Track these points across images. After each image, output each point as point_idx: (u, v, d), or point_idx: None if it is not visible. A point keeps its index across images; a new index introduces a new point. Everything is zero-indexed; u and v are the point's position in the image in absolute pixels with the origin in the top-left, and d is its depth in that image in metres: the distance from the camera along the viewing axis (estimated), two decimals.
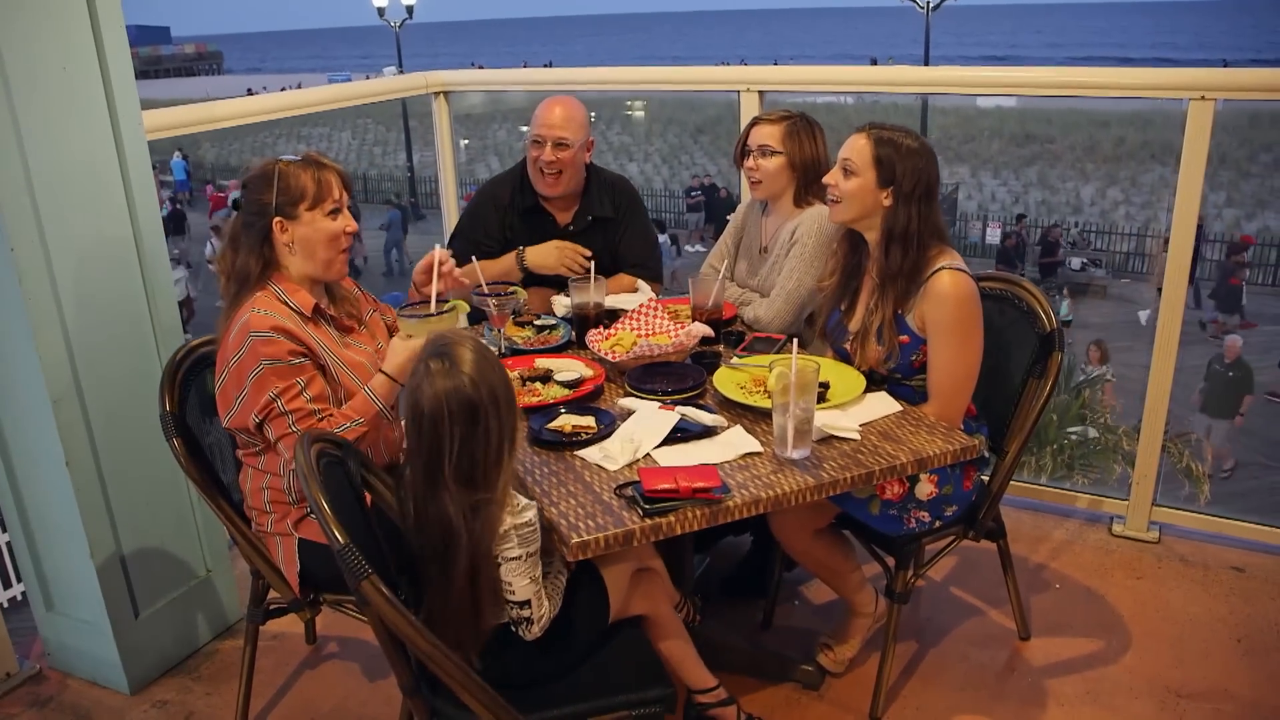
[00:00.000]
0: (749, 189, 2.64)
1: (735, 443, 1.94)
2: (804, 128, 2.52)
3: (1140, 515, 2.96)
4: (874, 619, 2.42)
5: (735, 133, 2.86)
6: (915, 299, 2.12)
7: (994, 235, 16.11)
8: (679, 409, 2.03)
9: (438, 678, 1.61)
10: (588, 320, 2.48)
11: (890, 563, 2.25)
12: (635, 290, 2.80)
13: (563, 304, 2.66)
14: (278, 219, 1.99)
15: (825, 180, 2.22)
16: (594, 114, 2.90)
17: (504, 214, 2.86)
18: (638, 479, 1.77)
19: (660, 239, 3.01)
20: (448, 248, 2.93)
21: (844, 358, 2.27)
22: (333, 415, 1.97)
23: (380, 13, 24.11)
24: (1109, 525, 3.02)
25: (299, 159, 2.03)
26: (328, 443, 1.78)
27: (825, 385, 2.08)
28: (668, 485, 1.72)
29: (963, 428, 2.16)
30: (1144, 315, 10.89)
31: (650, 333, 2.43)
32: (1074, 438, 6.35)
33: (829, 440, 1.95)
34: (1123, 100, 4.23)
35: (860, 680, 2.36)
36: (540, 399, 2.13)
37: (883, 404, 2.11)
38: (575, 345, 2.50)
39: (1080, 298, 13.68)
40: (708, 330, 2.32)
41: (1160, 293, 2.81)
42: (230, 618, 2.71)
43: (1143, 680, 2.38)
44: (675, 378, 2.19)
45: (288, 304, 2.01)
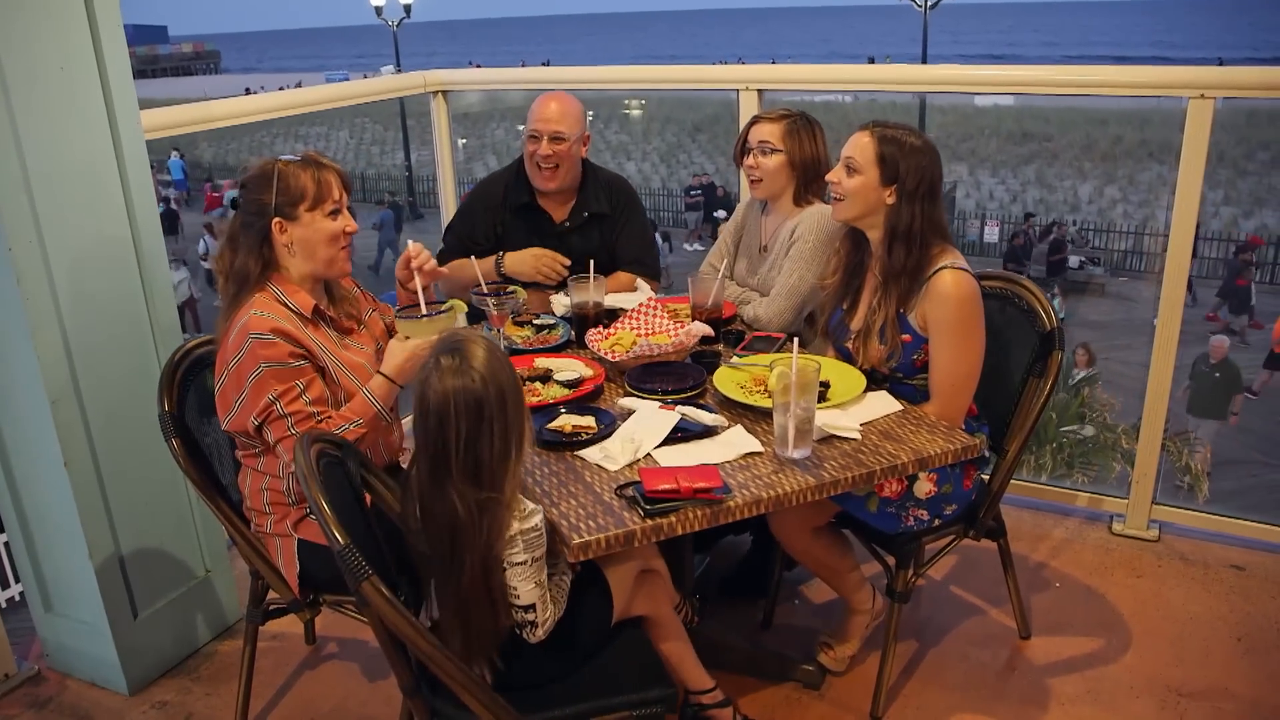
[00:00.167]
0: (748, 188, 2.63)
1: (736, 442, 1.94)
2: (804, 126, 2.52)
3: (1140, 514, 2.96)
4: (872, 616, 2.42)
5: (733, 132, 2.86)
6: (917, 298, 2.12)
7: (992, 234, 16.14)
8: (679, 409, 2.02)
9: (438, 678, 1.61)
10: (587, 320, 2.47)
11: (890, 562, 2.25)
12: (633, 288, 2.80)
13: (562, 303, 2.66)
14: (277, 219, 1.98)
15: (828, 178, 2.22)
16: (592, 113, 2.90)
17: (496, 212, 2.87)
18: (638, 479, 1.77)
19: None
20: (441, 243, 2.95)
21: (846, 356, 2.27)
22: (331, 417, 1.96)
23: (378, 12, 24.09)
24: (1109, 524, 3.02)
25: (298, 159, 2.01)
26: (327, 443, 1.78)
27: (826, 384, 2.08)
28: (669, 485, 1.71)
29: (964, 427, 2.15)
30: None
31: (650, 332, 2.43)
32: (1073, 436, 6.36)
33: (830, 440, 1.94)
34: (1121, 99, 4.23)
35: (861, 679, 2.36)
36: (540, 399, 2.13)
37: (883, 403, 2.11)
38: (575, 345, 2.49)
39: (1079, 296, 13.71)
40: (707, 329, 2.32)
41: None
42: (229, 618, 2.70)
43: (1143, 679, 2.37)
44: (675, 377, 2.19)
45: (287, 305, 2.00)
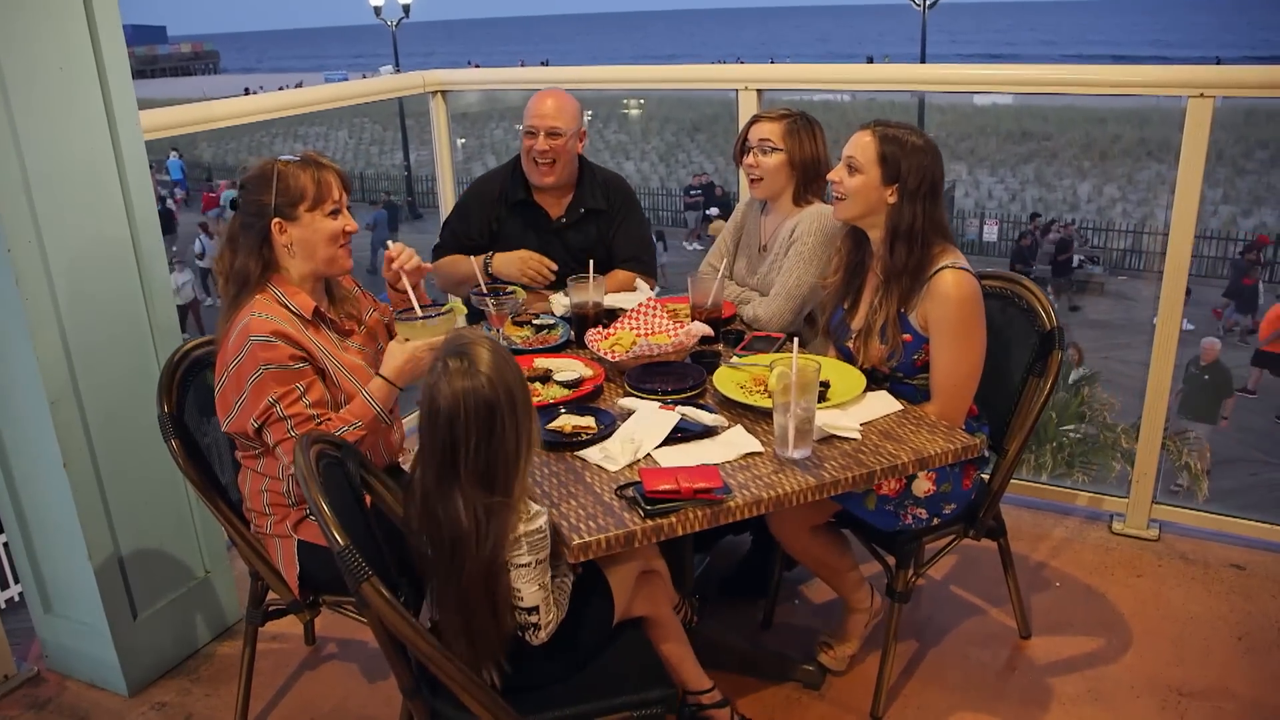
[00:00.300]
0: (748, 187, 2.63)
1: (736, 442, 1.94)
2: (804, 126, 2.52)
3: (1140, 513, 2.96)
4: (871, 615, 2.42)
5: (732, 131, 2.86)
6: (918, 297, 2.12)
7: (991, 233, 16.15)
8: (679, 409, 2.02)
9: (437, 679, 1.60)
10: (587, 320, 2.47)
11: (891, 561, 2.25)
12: (631, 286, 2.80)
13: (561, 303, 2.66)
14: (276, 220, 1.97)
15: (829, 177, 2.21)
16: (590, 113, 2.92)
17: (491, 209, 2.89)
18: (639, 479, 1.77)
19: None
20: (438, 239, 2.96)
21: (847, 356, 2.26)
22: (331, 420, 1.95)
23: (377, 12, 24.08)
24: (1109, 523, 3.02)
25: (298, 159, 2.00)
26: (327, 444, 1.78)
27: (825, 384, 2.08)
28: (669, 486, 1.71)
29: (964, 427, 2.15)
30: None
31: (649, 332, 2.43)
32: (1074, 435, 6.36)
33: (830, 440, 1.94)
34: (1119, 97, 4.22)
35: (861, 680, 2.36)
36: (540, 399, 2.12)
37: (883, 403, 2.10)
38: (574, 345, 2.49)
39: (1078, 295, 13.72)
40: (707, 329, 2.32)
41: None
42: (229, 619, 2.70)
43: (1143, 679, 2.37)
44: (675, 377, 2.19)
45: (288, 307, 2.00)
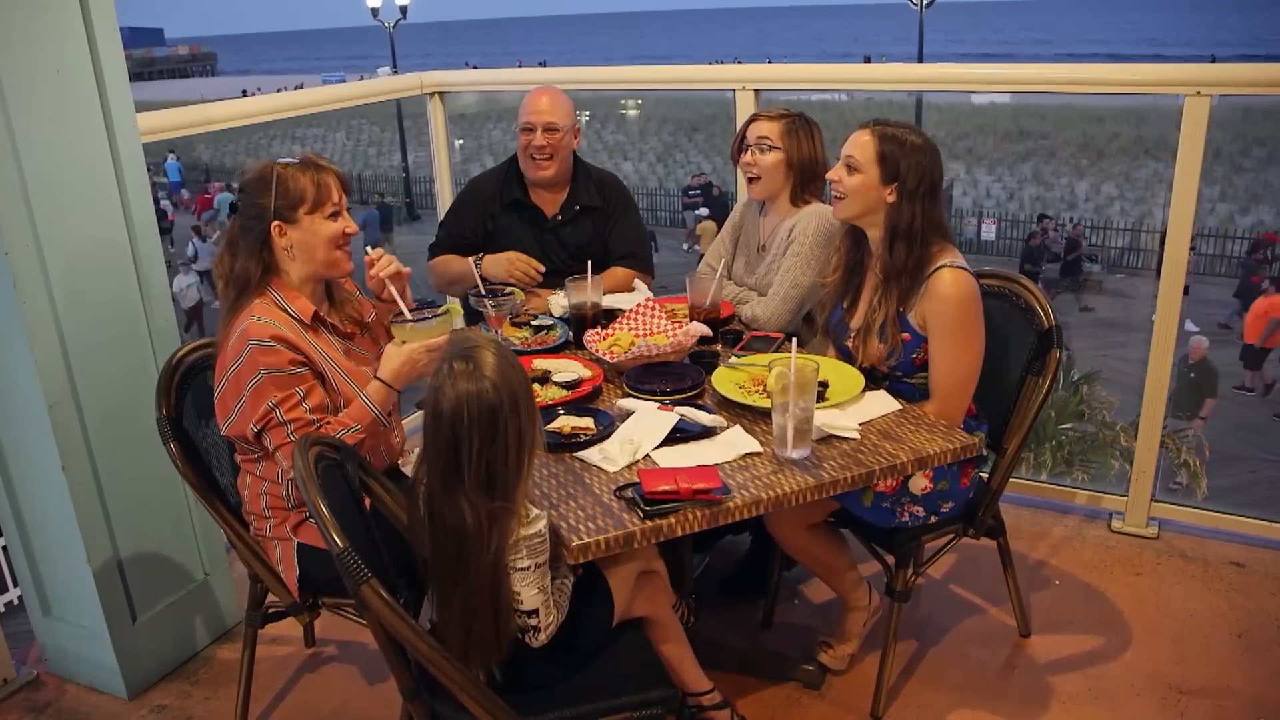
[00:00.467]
0: (745, 187, 2.63)
1: (735, 443, 1.94)
2: (802, 127, 2.52)
3: (1139, 511, 2.96)
4: (869, 613, 2.42)
5: (730, 131, 2.86)
6: (916, 296, 2.12)
7: (989, 232, 16.16)
8: (678, 409, 2.02)
9: (437, 681, 1.60)
10: (585, 320, 2.47)
11: (890, 561, 2.24)
12: (629, 284, 2.81)
13: (560, 304, 2.66)
14: (276, 223, 1.97)
15: (829, 176, 2.21)
16: (588, 113, 2.95)
17: (486, 208, 2.90)
18: (638, 480, 1.76)
19: None
20: (434, 237, 2.96)
21: (846, 355, 2.27)
22: (329, 424, 1.95)
23: (374, 13, 24.09)
24: (1108, 521, 3.02)
25: (297, 161, 2.00)
26: (326, 446, 1.77)
27: (824, 384, 2.08)
28: (668, 486, 1.71)
29: (962, 426, 2.15)
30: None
31: (648, 332, 2.42)
32: (1073, 434, 6.35)
33: (829, 439, 1.94)
34: (1117, 96, 4.22)
35: (861, 679, 2.36)
36: (538, 400, 2.12)
37: (882, 402, 2.10)
38: (573, 346, 2.49)
39: (1082, 294, 13.71)
40: (705, 330, 2.32)
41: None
42: (228, 621, 2.70)
43: (1143, 677, 2.37)
44: (674, 378, 2.19)
45: (287, 311, 1.99)
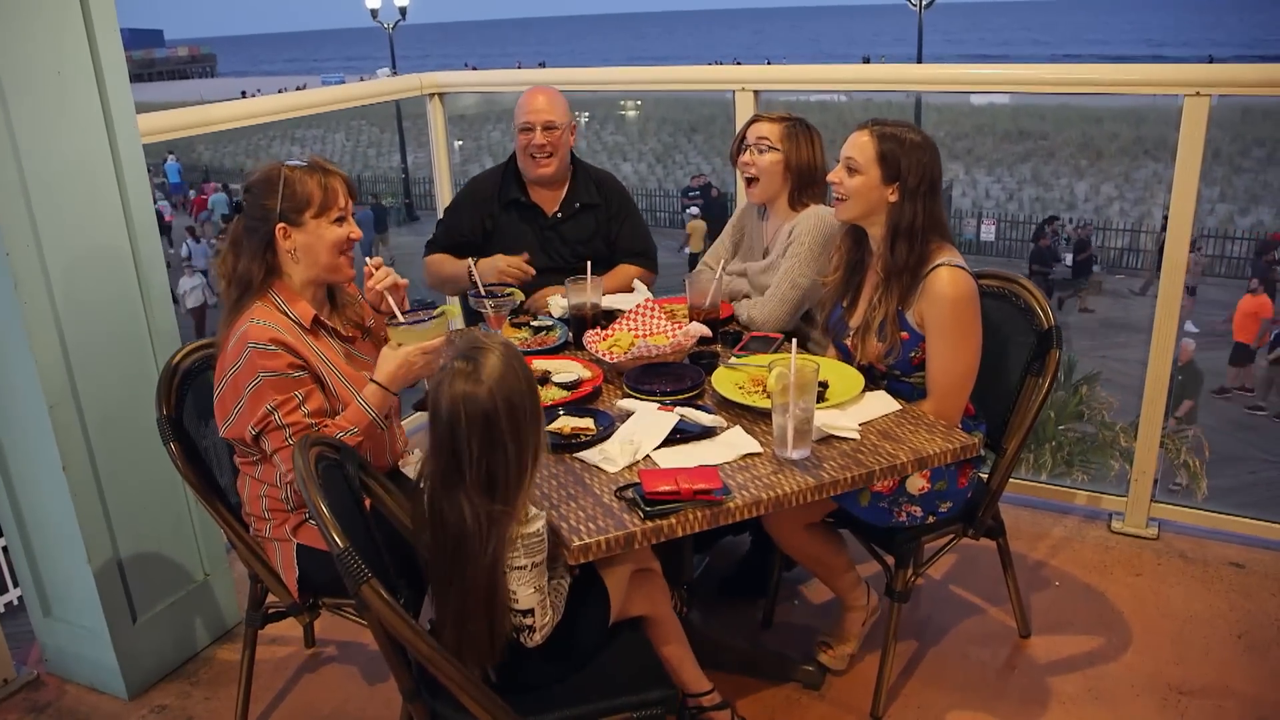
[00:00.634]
0: (744, 191, 2.63)
1: (735, 443, 1.94)
2: (802, 131, 2.53)
3: (1139, 512, 2.96)
4: (868, 613, 2.42)
5: (729, 132, 2.86)
6: (915, 295, 2.12)
7: (988, 232, 16.16)
8: (678, 410, 2.02)
9: (438, 681, 1.60)
10: (585, 321, 2.47)
11: (890, 561, 2.25)
12: (632, 287, 2.81)
13: (559, 305, 2.66)
14: (281, 225, 1.96)
15: (829, 178, 2.22)
16: (588, 114, 2.95)
17: (485, 207, 2.92)
18: (638, 481, 1.76)
19: None
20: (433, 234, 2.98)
21: (844, 353, 2.27)
22: (328, 427, 1.95)
23: (373, 14, 24.10)
24: (1108, 522, 3.02)
25: (304, 164, 1.99)
26: (326, 446, 1.78)
27: (824, 385, 2.08)
28: (668, 487, 1.71)
29: (961, 426, 2.15)
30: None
31: (648, 333, 2.43)
32: (1072, 434, 6.35)
33: (828, 440, 1.94)
34: (1116, 96, 4.23)
35: (861, 680, 2.36)
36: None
37: (882, 403, 2.10)
38: (572, 346, 2.49)
39: (1080, 294, 13.70)
40: (705, 330, 2.32)
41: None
42: (229, 622, 2.70)
43: (1143, 677, 2.37)
44: (673, 378, 2.19)
45: (287, 314, 1.99)
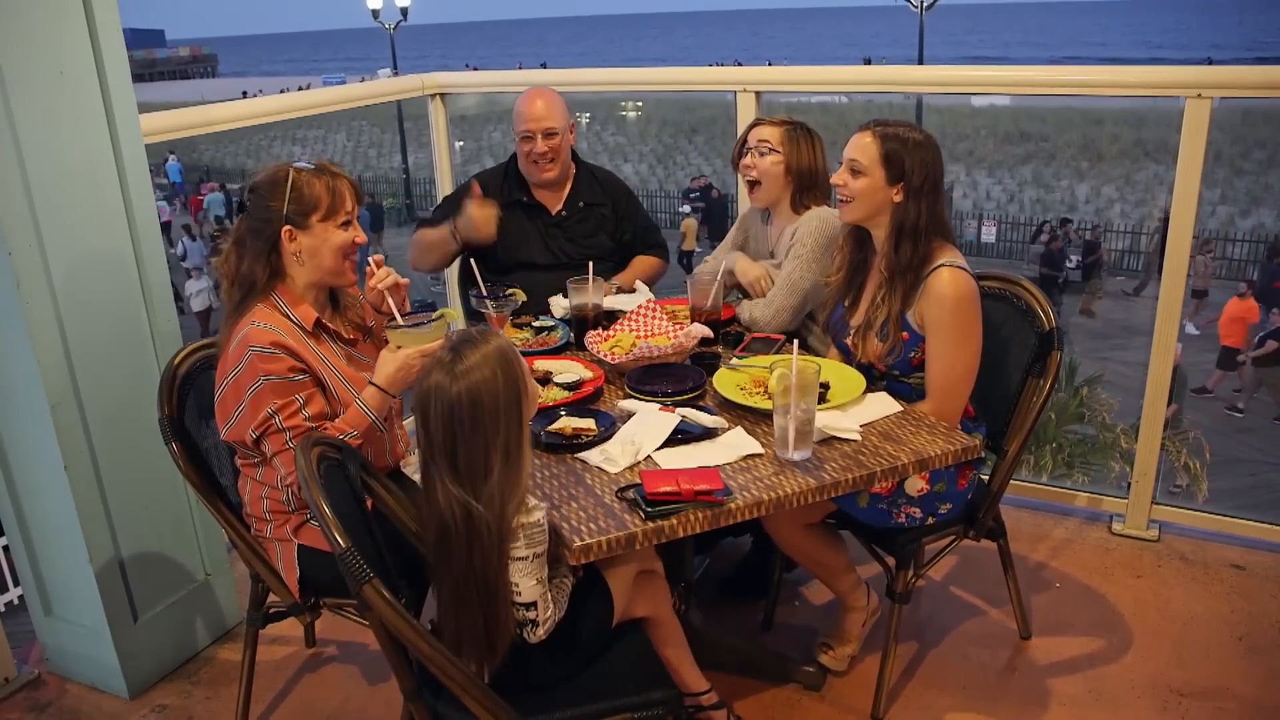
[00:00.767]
0: (746, 194, 2.63)
1: (736, 444, 1.94)
2: (804, 135, 2.53)
3: (1140, 514, 2.96)
4: (868, 614, 2.42)
5: (730, 133, 2.87)
6: (916, 295, 2.12)
7: (989, 234, 16.17)
8: (679, 410, 2.02)
9: (439, 681, 1.61)
10: (586, 322, 2.48)
11: (890, 563, 2.25)
12: (657, 269, 2.84)
13: (561, 305, 2.67)
14: (287, 227, 1.96)
15: (833, 180, 2.22)
16: (589, 115, 2.96)
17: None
18: (639, 481, 1.77)
19: None
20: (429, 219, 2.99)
21: (845, 352, 2.27)
22: (327, 430, 1.95)
23: (375, 15, 24.11)
24: (1109, 524, 3.02)
25: (312, 167, 1.98)
26: (328, 446, 1.78)
27: (825, 386, 2.08)
28: (670, 488, 1.71)
29: (960, 427, 2.15)
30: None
31: (649, 334, 2.43)
32: (1073, 436, 6.36)
33: (830, 441, 1.94)
34: (1116, 98, 4.24)
35: (861, 681, 2.36)
36: (540, 401, 2.13)
37: (883, 404, 2.11)
38: (574, 347, 2.49)
39: (1077, 295, 13.70)
40: (706, 331, 2.33)
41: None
42: (229, 622, 2.70)
43: (1144, 679, 2.37)
44: (675, 379, 2.19)
45: (289, 317, 1.99)
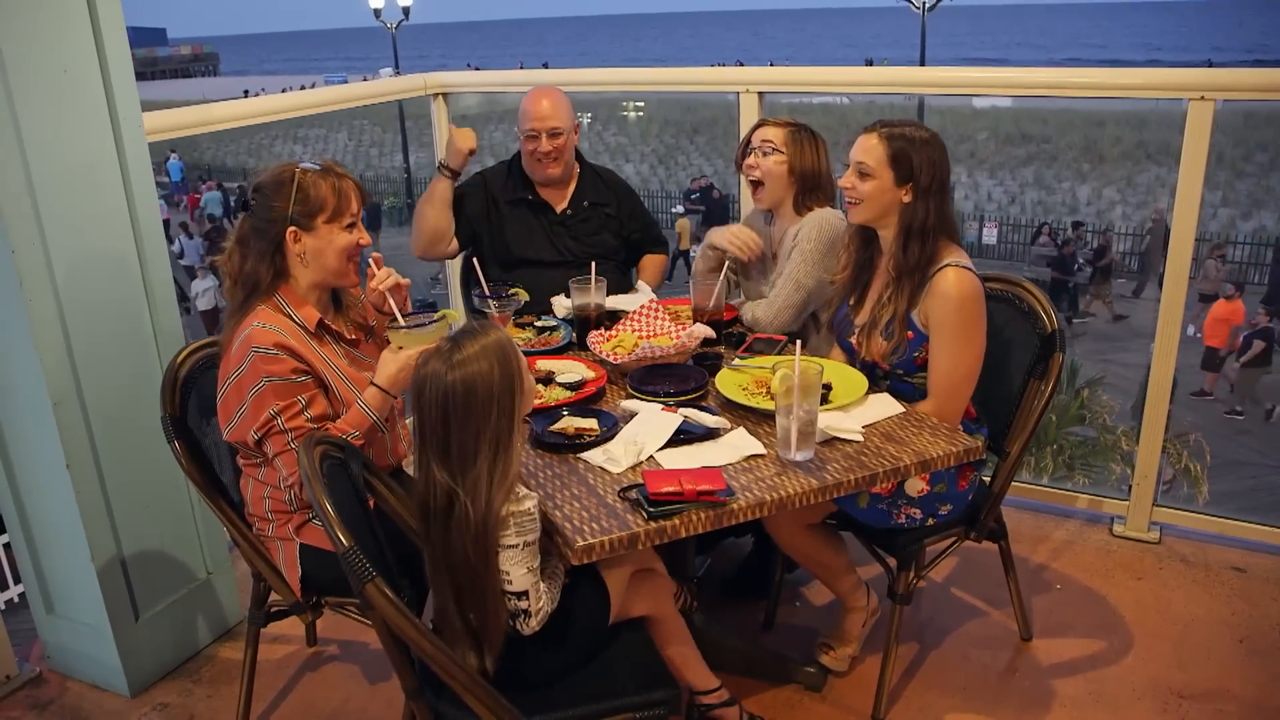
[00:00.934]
0: (749, 196, 2.63)
1: (738, 445, 1.94)
2: (807, 137, 2.53)
3: (1141, 515, 2.96)
4: (867, 613, 2.42)
5: (731, 133, 2.87)
6: (922, 295, 2.12)
7: (990, 235, 16.17)
8: (682, 411, 2.03)
9: (441, 680, 1.61)
10: (588, 322, 2.48)
11: (892, 563, 2.25)
12: (666, 267, 2.86)
13: (563, 305, 2.67)
14: (292, 229, 1.96)
15: (840, 184, 2.22)
16: (590, 115, 2.96)
17: (490, 196, 2.94)
18: (642, 481, 1.77)
19: None
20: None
21: (848, 351, 2.27)
22: (330, 432, 1.95)
23: (376, 14, 24.12)
24: (1110, 526, 3.02)
25: (318, 168, 1.98)
26: (330, 445, 1.78)
27: (827, 387, 2.08)
28: (672, 488, 1.71)
29: (962, 429, 2.15)
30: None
31: (651, 334, 2.43)
32: (1074, 438, 6.36)
33: (832, 442, 1.94)
34: (1118, 100, 4.24)
35: (862, 682, 2.36)
36: (542, 401, 2.13)
37: (885, 405, 2.11)
38: (576, 347, 2.49)
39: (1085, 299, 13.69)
40: (709, 331, 2.33)
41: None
42: (231, 620, 2.70)
43: (1144, 681, 2.38)
44: (677, 379, 2.19)
45: (292, 318, 1.99)
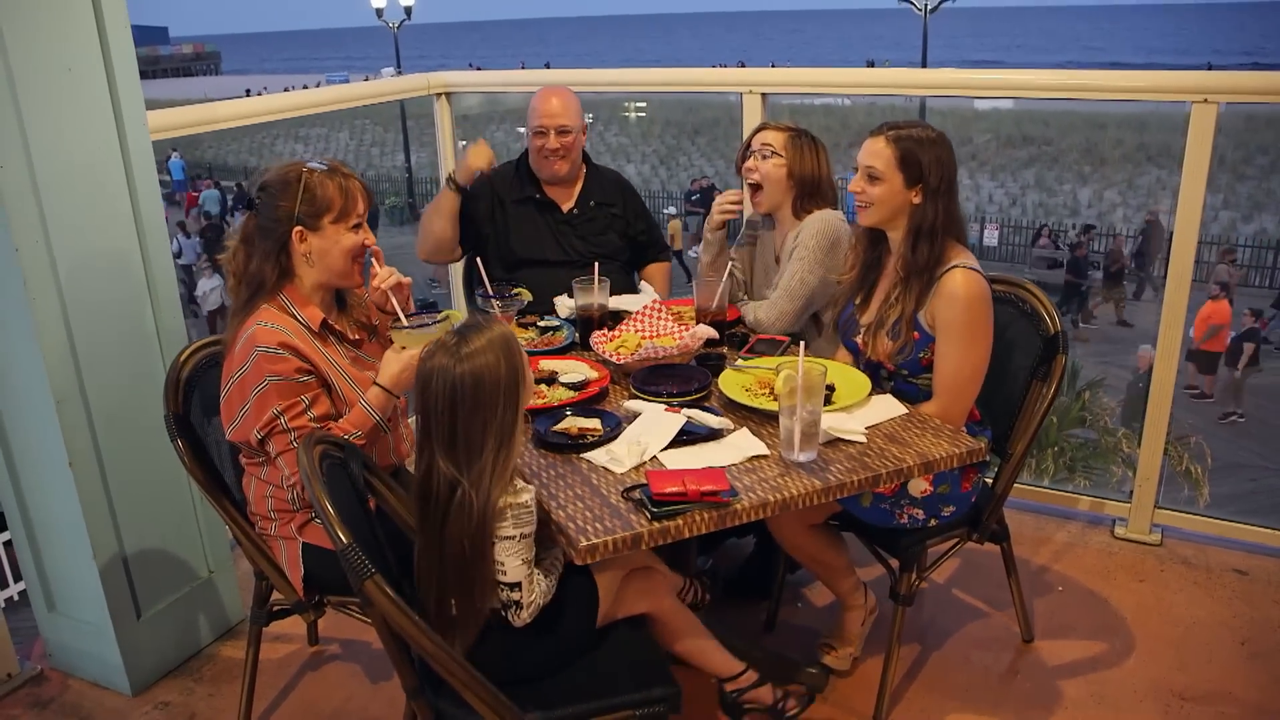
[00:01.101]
0: (749, 200, 2.63)
1: (742, 445, 1.94)
2: (807, 142, 2.54)
3: (1143, 518, 2.96)
4: (867, 612, 2.42)
5: (732, 134, 2.88)
6: (929, 296, 2.12)
7: (991, 237, 16.19)
8: (685, 411, 2.03)
9: (441, 679, 1.61)
10: (592, 322, 2.48)
11: (894, 565, 2.25)
12: (668, 273, 2.86)
13: (566, 305, 2.67)
14: (298, 228, 1.96)
15: (850, 188, 2.21)
16: (591, 115, 2.95)
17: (495, 197, 2.93)
18: (645, 482, 1.77)
19: None
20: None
21: (854, 351, 2.27)
22: (332, 431, 1.95)
23: (379, 14, 24.12)
24: (1111, 528, 3.02)
25: (325, 168, 1.98)
26: (330, 444, 1.78)
27: (831, 388, 2.08)
28: (676, 488, 1.71)
29: (966, 430, 2.15)
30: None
31: (654, 334, 2.43)
32: (1075, 440, 6.36)
33: (835, 443, 1.94)
34: (1119, 102, 4.25)
35: (864, 683, 2.36)
36: (545, 400, 2.13)
37: (888, 406, 2.11)
38: (579, 347, 2.50)
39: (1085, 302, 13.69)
40: (712, 332, 2.32)
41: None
42: (232, 619, 2.70)
43: (1146, 683, 2.38)
44: (680, 380, 2.19)
45: (296, 318, 1.99)
